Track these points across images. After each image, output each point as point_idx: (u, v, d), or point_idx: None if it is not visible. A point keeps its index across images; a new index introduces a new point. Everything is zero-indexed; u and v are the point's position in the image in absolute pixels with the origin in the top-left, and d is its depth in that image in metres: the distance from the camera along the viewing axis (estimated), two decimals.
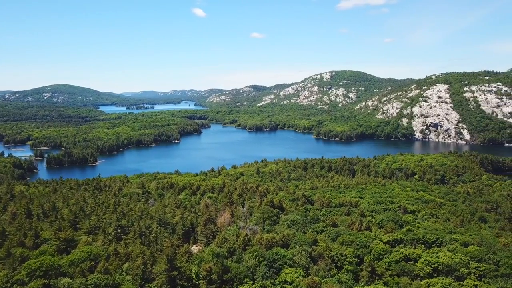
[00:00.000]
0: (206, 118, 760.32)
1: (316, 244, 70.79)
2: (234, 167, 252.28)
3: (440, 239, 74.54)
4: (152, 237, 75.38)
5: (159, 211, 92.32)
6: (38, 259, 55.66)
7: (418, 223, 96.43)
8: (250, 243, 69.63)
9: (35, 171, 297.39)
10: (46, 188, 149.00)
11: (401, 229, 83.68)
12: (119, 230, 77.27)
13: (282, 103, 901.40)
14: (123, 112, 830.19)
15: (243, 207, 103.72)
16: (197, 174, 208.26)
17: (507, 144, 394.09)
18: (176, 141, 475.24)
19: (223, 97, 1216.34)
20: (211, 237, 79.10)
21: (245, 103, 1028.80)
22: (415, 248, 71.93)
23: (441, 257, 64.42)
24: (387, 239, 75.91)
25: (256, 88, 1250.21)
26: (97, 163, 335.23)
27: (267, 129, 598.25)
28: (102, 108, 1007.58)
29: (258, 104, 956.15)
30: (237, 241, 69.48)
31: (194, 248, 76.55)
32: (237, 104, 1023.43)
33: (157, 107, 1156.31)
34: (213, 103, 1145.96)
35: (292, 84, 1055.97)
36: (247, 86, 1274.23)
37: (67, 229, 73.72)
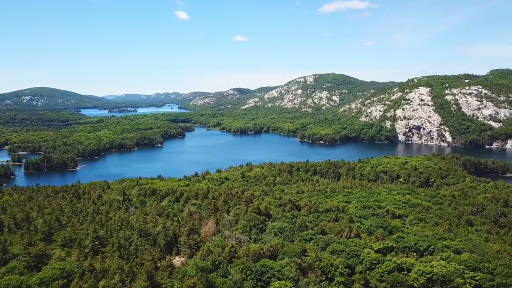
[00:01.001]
0: (190, 121, 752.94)
1: (305, 254, 67.66)
2: (219, 171, 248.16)
3: (432, 246, 72.35)
4: (132, 250, 70.90)
5: (140, 220, 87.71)
6: (4, 279, 50.75)
7: (407, 228, 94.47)
8: (236, 254, 65.97)
9: (12, 177, 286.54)
10: (22, 195, 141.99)
11: (392, 236, 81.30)
12: (96, 242, 72.49)
13: (266, 106, 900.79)
14: (105, 116, 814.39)
15: (228, 214, 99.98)
16: (180, 179, 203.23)
17: (487, 146, 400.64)
18: (159, 145, 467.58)
19: (207, 100, 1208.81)
20: (195, 247, 75.08)
21: (229, 106, 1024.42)
22: (407, 257, 69.53)
23: (435, 266, 62.07)
24: (378, 247, 73.36)
25: (240, 91, 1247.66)
26: (77, 168, 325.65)
27: (252, 132, 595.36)
28: (83, 112, 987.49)
29: (243, 107, 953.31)
30: (222, 253, 65.75)
31: (177, 260, 72.41)
32: (221, 107, 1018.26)
33: (140, 110, 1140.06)
34: (197, 106, 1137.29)
35: (276, 87, 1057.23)
36: (231, 89, 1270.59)
37: (40, 243, 68.61)
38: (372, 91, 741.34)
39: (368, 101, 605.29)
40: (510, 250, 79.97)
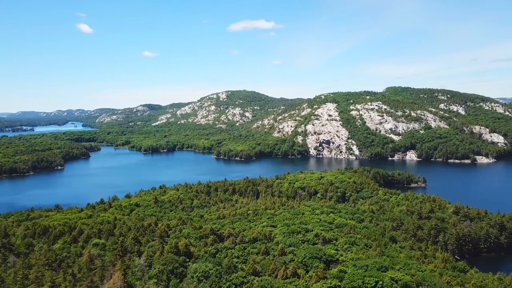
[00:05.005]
0: (95, 140, 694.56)
1: None
2: (128, 196, 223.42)
3: (380, 282, 65.21)
4: None
5: (18, 279, 66.87)
6: None
7: (342, 255, 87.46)
8: None
9: None
10: None
11: (331, 271, 72.75)
12: None
13: (179, 122, 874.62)
14: None
15: (139, 256, 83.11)
16: (82, 209, 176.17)
17: (390, 158, 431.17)
18: (60, 168, 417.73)
19: (114, 116, 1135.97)
20: None
21: (140, 122, 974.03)
22: None
23: None
24: None
25: (151, 107, 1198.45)
26: None
27: (165, 150, 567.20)
28: None
29: (154, 124, 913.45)
30: None
31: None
32: (131, 124, 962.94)
33: (38, 129, 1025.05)
34: (104, 123, 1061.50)
35: (189, 103, 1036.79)
36: (141, 105, 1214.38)
37: None
38: (282, 107, 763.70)
39: (280, 117, 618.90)
40: (450, 275, 77.19)
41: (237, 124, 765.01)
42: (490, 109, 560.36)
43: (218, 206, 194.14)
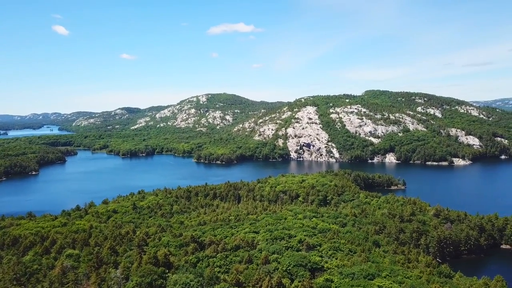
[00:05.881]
0: (72, 144, 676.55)
1: None
2: (105, 202, 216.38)
3: None
4: None
5: None
6: None
7: (327, 262, 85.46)
8: None
9: None
10: None
11: (318, 279, 70.50)
12: None
13: (158, 125, 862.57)
14: None
15: (116, 267, 78.89)
16: (56, 217, 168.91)
17: (370, 160, 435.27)
18: (34, 173, 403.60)
19: (92, 120, 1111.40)
20: None
21: (118, 126, 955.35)
22: None
23: None
24: None
25: (129, 110, 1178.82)
26: None
27: (144, 154, 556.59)
28: None
29: (133, 127, 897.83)
30: None
31: None
32: (109, 127, 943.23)
33: (12, 133, 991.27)
34: (81, 127, 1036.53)
35: (169, 106, 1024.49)
36: (119, 108, 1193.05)
37: None
38: (263, 110, 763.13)
39: (261, 120, 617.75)
40: (437, 281, 76.20)
41: (218, 128, 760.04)
42: (465, 112, 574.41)
43: (198, 212, 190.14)
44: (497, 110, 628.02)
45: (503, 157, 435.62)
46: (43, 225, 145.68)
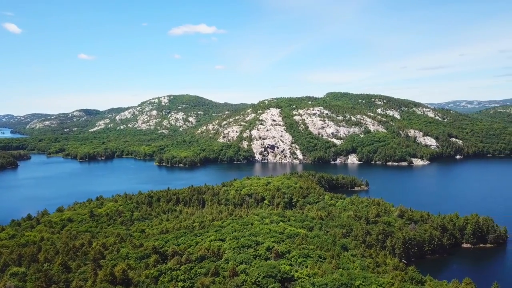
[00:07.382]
0: (25, 148, 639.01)
1: None
2: (60, 210, 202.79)
3: None
4: None
5: None
6: None
7: (297, 271, 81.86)
8: None
9: None
10: None
11: None
12: None
13: (118, 128, 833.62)
14: None
15: (68, 286, 71.22)
16: (3, 228, 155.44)
17: (333, 162, 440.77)
18: None
19: (47, 122, 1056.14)
20: None
21: (75, 128, 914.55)
22: None
23: None
24: None
25: (88, 112, 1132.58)
26: None
27: (103, 158, 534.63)
28: None
29: (91, 130, 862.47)
30: None
31: None
32: (66, 130, 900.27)
33: None
34: (36, 129, 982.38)
35: (129, 108, 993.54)
36: (77, 110, 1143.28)
37: None
38: (227, 112, 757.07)
39: (225, 122, 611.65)
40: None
41: (180, 129, 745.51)
42: (422, 113, 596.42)
43: (161, 218, 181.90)
44: (451, 111, 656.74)
45: (458, 157, 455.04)
46: None
